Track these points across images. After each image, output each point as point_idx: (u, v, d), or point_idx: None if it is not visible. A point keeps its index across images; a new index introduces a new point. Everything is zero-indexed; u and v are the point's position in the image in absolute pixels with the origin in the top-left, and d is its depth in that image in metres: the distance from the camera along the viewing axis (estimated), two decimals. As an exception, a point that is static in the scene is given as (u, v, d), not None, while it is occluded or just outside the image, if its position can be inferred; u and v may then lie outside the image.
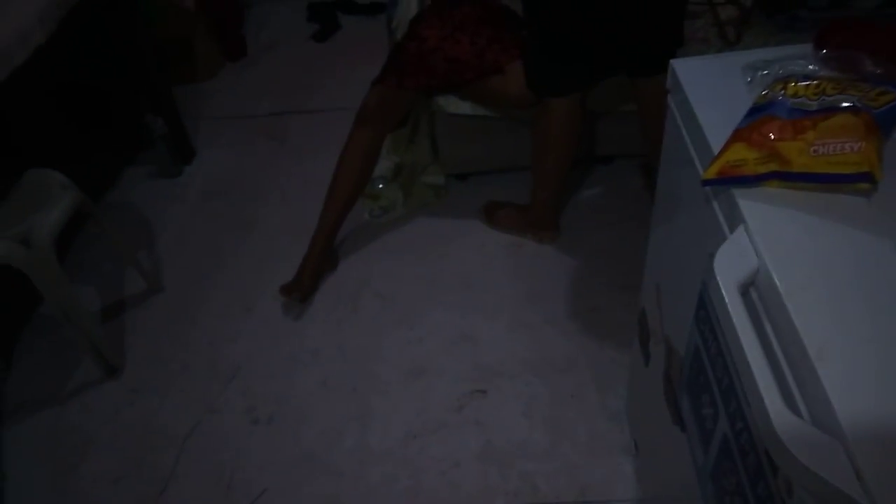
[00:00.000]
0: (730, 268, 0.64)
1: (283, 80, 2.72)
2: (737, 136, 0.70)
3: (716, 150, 0.72)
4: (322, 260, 1.84)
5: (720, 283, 0.63)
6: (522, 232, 1.91)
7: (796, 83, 0.75)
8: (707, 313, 0.71)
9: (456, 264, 1.87)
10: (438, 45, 1.67)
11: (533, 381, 1.56)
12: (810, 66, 0.82)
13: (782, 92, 0.73)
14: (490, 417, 1.50)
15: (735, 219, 0.68)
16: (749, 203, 0.67)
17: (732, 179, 0.68)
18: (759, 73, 0.82)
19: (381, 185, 2.04)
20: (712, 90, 0.84)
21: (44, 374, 1.72)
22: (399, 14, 1.91)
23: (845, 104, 0.69)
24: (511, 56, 1.64)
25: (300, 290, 1.78)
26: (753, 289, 0.64)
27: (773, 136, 0.68)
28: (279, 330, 1.75)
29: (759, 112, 0.72)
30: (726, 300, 0.61)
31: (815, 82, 0.74)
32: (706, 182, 0.69)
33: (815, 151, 0.65)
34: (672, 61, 0.92)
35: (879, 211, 0.63)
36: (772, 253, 0.62)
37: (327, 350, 1.69)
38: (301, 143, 2.37)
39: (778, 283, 0.59)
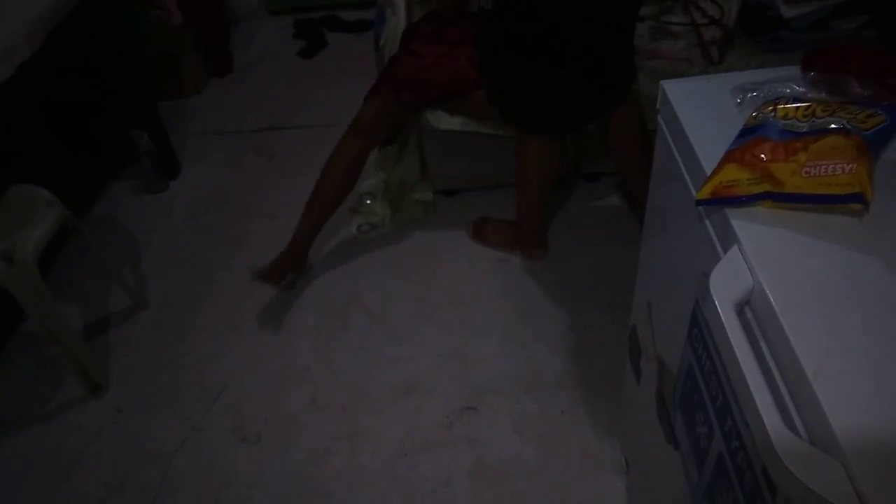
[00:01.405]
0: (725, 287, 0.64)
1: (270, 97, 2.73)
2: (729, 156, 0.71)
3: (708, 171, 0.73)
4: (297, 261, 1.85)
5: (717, 303, 0.63)
6: (511, 249, 1.92)
7: (786, 105, 0.76)
8: (701, 332, 0.71)
9: (445, 280, 1.87)
10: (435, 61, 1.69)
11: (524, 398, 1.56)
12: (799, 89, 0.83)
13: (773, 114, 0.74)
14: (481, 435, 1.50)
15: (729, 239, 0.68)
16: (742, 223, 0.68)
17: (726, 200, 0.68)
18: (749, 95, 0.83)
19: (369, 202, 2.04)
20: (702, 110, 0.86)
21: (27, 392, 1.69)
22: (387, 32, 1.92)
23: (835, 126, 0.70)
24: None
25: (265, 277, 1.79)
26: (748, 308, 0.65)
27: (765, 158, 0.69)
28: (267, 347, 1.74)
29: (751, 133, 0.73)
30: (723, 320, 0.62)
31: (805, 104, 0.76)
32: (700, 202, 0.70)
33: (806, 173, 0.66)
34: (662, 82, 0.93)
35: (871, 231, 0.64)
36: (766, 272, 0.63)
37: (316, 367, 1.68)
38: (288, 159, 2.37)
39: (773, 302, 0.60)
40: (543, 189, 1.78)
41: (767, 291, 0.61)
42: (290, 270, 1.85)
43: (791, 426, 0.55)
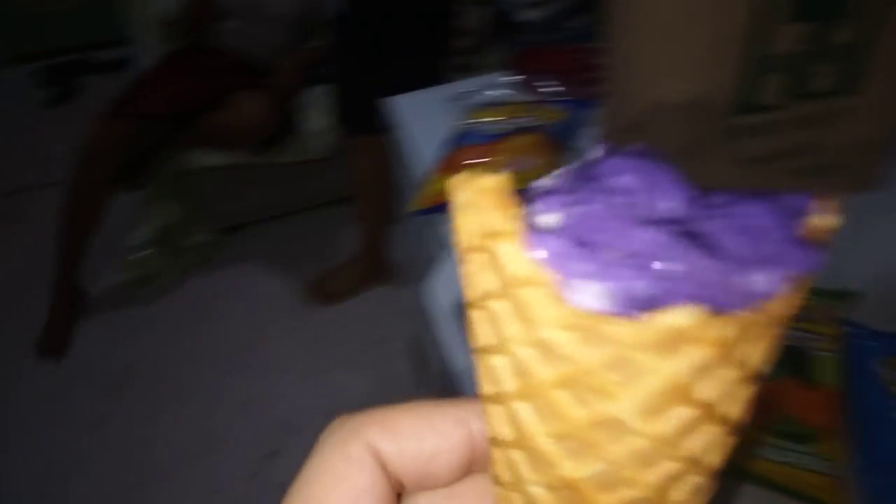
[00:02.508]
0: (447, 292, 0.66)
1: (14, 155, 2.43)
2: (438, 167, 0.73)
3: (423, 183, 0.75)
4: (70, 315, 1.72)
5: (437, 310, 0.64)
6: (368, 286, 1.80)
7: (491, 109, 0.80)
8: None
9: (235, 324, 1.77)
10: (167, 79, 1.64)
11: (330, 428, 1.52)
12: (505, 92, 0.89)
13: (478, 119, 0.78)
14: (289, 478, 1.42)
15: (444, 245, 0.70)
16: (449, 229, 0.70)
17: (436, 208, 0.70)
18: (463, 103, 0.87)
19: (141, 254, 1.88)
20: (423, 123, 0.88)
21: None
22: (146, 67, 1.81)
23: (528, 125, 0.75)
24: (243, 88, 1.66)
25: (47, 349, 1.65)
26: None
27: (468, 163, 0.72)
28: (32, 434, 1.53)
29: (459, 141, 0.76)
30: (443, 325, 0.63)
31: (506, 107, 0.80)
32: (412, 213, 0.71)
33: (503, 172, 0.70)
34: (387, 99, 0.94)
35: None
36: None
37: (93, 451, 1.50)
38: (48, 221, 2.12)
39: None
40: (391, 194, 1.64)
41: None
42: (60, 334, 1.69)
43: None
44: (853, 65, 0.58)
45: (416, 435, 0.19)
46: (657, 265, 0.13)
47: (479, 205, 0.16)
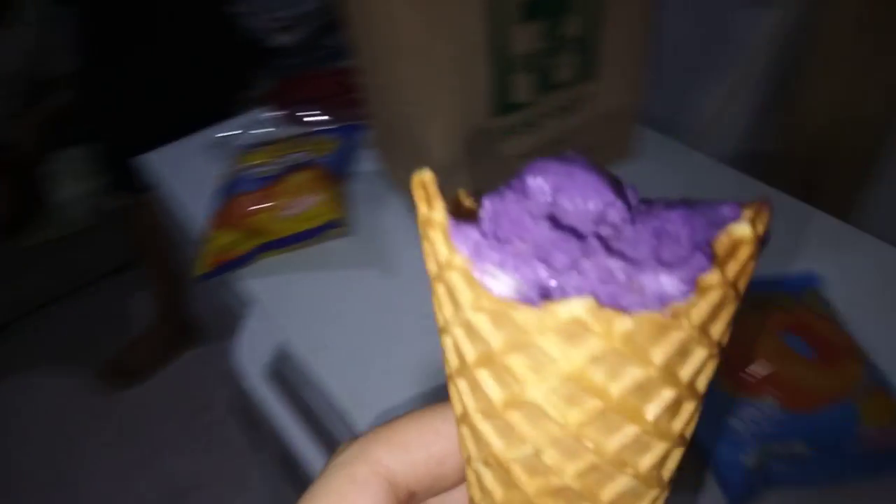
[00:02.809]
0: (254, 353, 0.61)
1: None
2: (214, 222, 0.68)
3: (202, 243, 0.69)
4: None
5: (248, 376, 0.59)
6: (174, 355, 1.63)
7: (258, 151, 0.76)
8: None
9: (29, 444, 1.53)
10: None
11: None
12: (269, 130, 0.85)
13: (245, 164, 0.73)
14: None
15: (245, 302, 0.65)
16: (251, 283, 0.65)
17: (225, 266, 0.65)
18: (225, 149, 0.81)
19: None
20: (187, 177, 0.81)
21: None
22: None
23: (301, 161, 0.72)
24: None
25: None
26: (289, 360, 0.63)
27: (246, 212, 0.67)
28: None
29: (230, 190, 0.70)
30: (257, 391, 0.58)
31: (273, 146, 0.76)
32: (202, 277, 0.65)
33: (286, 215, 0.66)
34: (143, 154, 0.86)
35: (362, 244, 0.68)
36: (290, 322, 0.61)
37: None
38: None
39: (305, 355, 0.58)
40: (178, 256, 1.48)
41: (294, 343, 0.59)
42: None
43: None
44: (587, 54, 0.62)
45: (423, 444, 0.20)
46: (556, 259, 0.14)
47: (417, 197, 0.17)
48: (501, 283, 0.15)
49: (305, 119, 0.82)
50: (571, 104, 0.65)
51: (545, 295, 0.15)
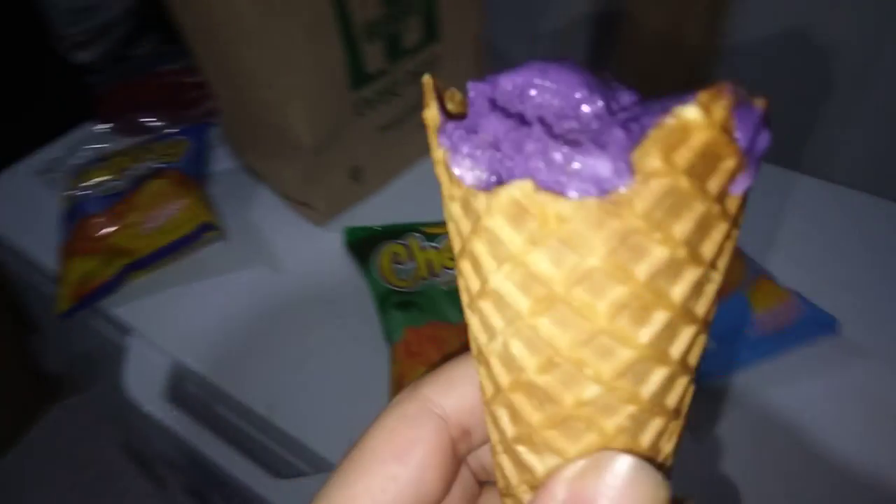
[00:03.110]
0: (146, 379, 0.57)
1: None
2: (66, 252, 0.61)
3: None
4: None
5: (146, 402, 0.55)
6: (35, 414, 1.45)
7: (96, 168, 0.69)
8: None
9: None
10: None
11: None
12: (103, 145, 0.78)
13: (84, 185, 0.67)
14: None
15: (123, 332, 0.60)
16: (124, 310, 0.60)
17: (91, 297, 0.59)
18: (56, 175, 0.74)
19: None
20: (21, 210, 0.73)
21: None
22: None
23: (149, 170, 0.67)
24: None
25: None
26: (188, 383, 0.59)
27: (100, 235, 0.61)
28: None
29: (74, 217, 0.64)
30: (160, 415, 0.54)
31: (113, 160, 0.70)
32: (65, 314, 0.59)
33: (148, 229, 0.61)
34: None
35: (237, 247, 0.64)
36: (179, 340, 0.57)
37: None
38: None
39: (202, 370, 0.55)
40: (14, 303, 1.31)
41: (188, 362, 0.56)
42: None
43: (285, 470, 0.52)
44: (428, 17, 0.63)
45: (469, 379, 0.20)
46: (505, 146, 0.15)
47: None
48: (468, 172, 0.16)
49: (145, 126, 0.76)
50: (421, 68, 0.66)
51: (499, 181, 0.15)
